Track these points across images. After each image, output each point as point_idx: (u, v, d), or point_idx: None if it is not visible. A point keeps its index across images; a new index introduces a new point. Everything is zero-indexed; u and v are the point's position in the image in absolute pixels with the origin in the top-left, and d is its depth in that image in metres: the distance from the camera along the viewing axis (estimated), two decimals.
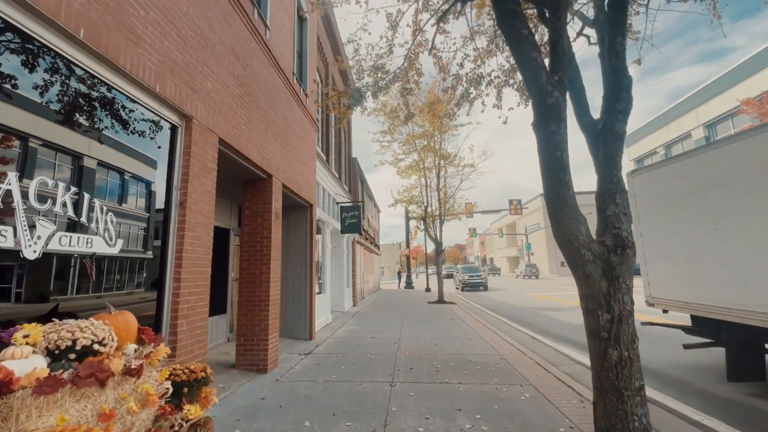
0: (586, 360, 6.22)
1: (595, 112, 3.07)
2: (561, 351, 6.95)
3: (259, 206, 5.86)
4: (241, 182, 5.99)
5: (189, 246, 3.58)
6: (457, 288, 26.46)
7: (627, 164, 30.61)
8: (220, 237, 7.32)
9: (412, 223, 29.40)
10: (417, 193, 17.18)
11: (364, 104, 6.80)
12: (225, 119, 4.44)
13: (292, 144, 7.03)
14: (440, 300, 15.94)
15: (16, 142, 2.25)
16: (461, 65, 6.49)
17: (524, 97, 6.54)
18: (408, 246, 30.44)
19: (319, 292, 9.91)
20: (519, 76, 6.44)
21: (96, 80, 2.75)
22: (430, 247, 32.96)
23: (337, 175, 12.69)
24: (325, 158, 10.82)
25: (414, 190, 17.15)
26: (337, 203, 12.03)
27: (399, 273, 35.12)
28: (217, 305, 7.00)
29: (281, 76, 6.54)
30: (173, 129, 3.67)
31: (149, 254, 3.35)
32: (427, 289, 24.17)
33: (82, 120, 2.66)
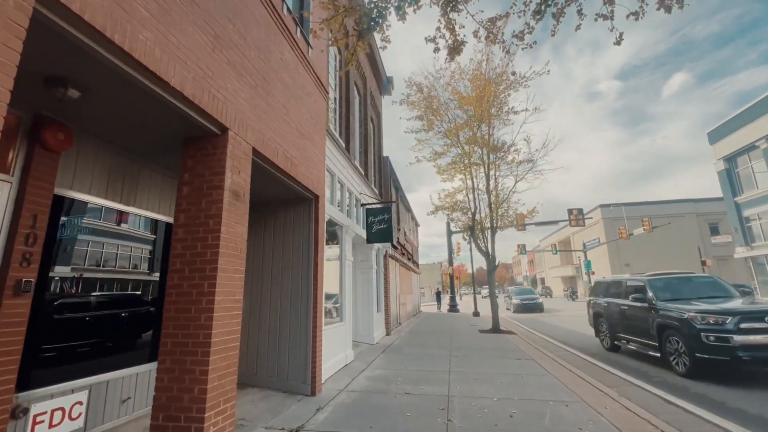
0: None
1: None
2: None
3: (203, 179, 3.45)
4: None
5: None
6: (610, 344, 9.06)
7: (714, 164, 25.74)
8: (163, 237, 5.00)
9: (456, 237, 26.37)
10: (462, 198, 14.33)
11: (385, 28, 4.31)
12: None
13: (278, 97, 4.66)
14: (495, 329, 12.71)
15: None
16: None
17: None
18: (450, 263, 27.23)
19: (335, 320, 7.32)
20: None
21: None
22: (477, 263, 29.46)
23: (363, 172, 10.27)
24: (344, 146, 8.45)
25: (458, 194, 14.32)
26: (362, 205, 9.54)
27: (438, 294, 31.33)
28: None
29: None
30: None
31: None
32: (475, 313, 20.78)
33: None
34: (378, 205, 9.56)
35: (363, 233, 9.31)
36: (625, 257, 42.68)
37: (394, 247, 14.66)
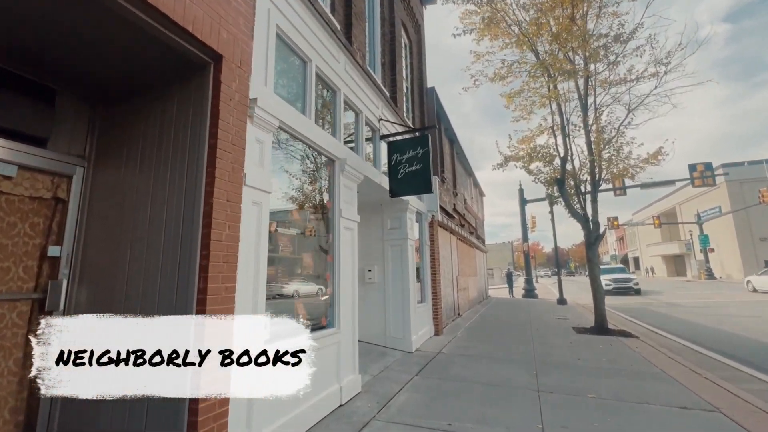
0: None
1: None
2: None
3: None
4: None
5: None
6: None
7: None
8: None
9: (530, 208, 21.69)
10: (544, 142, 9.99)
11: None
12: None
13: None
14: (601, 327, 8.51)
15: None
16: None
17: None
18: (525, 239, 22.53)
19: (320, 327, 4.04)
20: None
21: None
22: (561, 239, 23.90)
23: (388, 95, 6.67)
24: (338, 27, 4.95)
25: (538, 137, 9.99)
26: (383, 137, 6.01)
27: (509, 275, 25.38)
28: None
29: None
30: None
31: None
32: (561, 301, 16.24)
33: None
34: (405, 134, 5.93)
35: (383, 181, 5.83)
36: (761, 230, 33.26)
37: (448, 215, 10.94)
